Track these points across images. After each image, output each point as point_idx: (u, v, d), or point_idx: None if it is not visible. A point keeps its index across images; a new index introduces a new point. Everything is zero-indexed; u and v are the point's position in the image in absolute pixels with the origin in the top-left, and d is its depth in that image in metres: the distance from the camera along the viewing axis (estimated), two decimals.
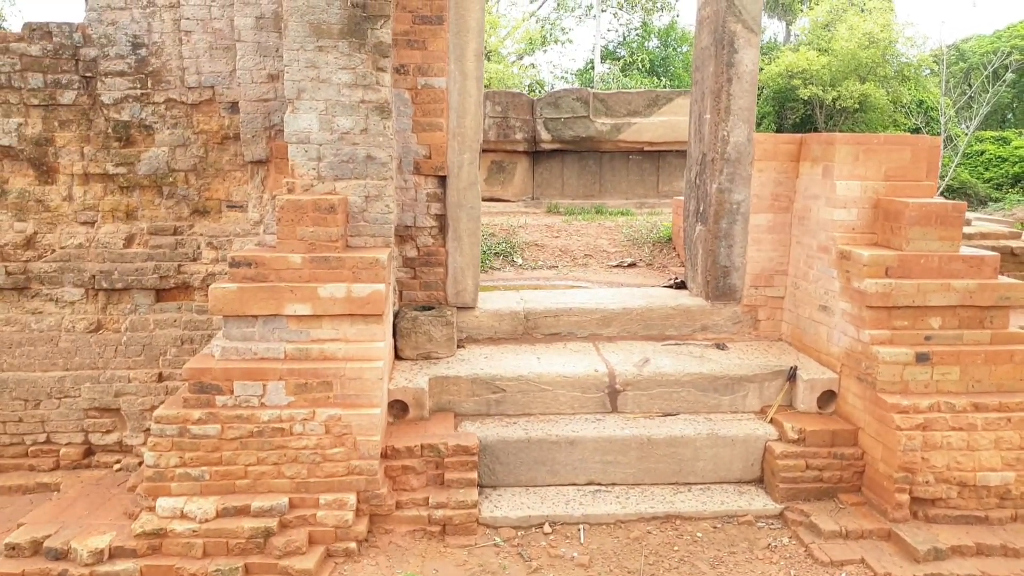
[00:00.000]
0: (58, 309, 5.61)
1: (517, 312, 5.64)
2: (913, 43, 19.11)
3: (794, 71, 18.14)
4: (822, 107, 18.37)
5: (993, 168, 19.14)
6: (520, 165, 10.70)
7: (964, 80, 20.05)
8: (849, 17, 18.62)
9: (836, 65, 17.93)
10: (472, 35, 5.35)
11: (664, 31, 22.29)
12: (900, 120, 19.47)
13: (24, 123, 5.51)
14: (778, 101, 18.89)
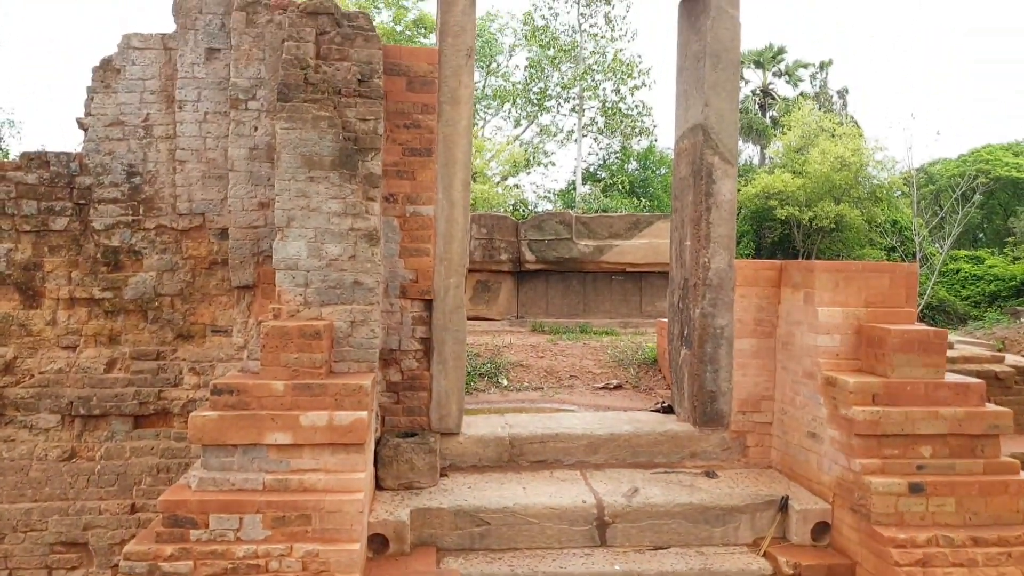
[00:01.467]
0: (32, 436, 5.46)
1: (502, 438, 5.54)
2: (883, 167, 20.01)
3: (770, 192, 18.85)
4: (799, 227, 18.96)
5: (970, 286, 19.62)
6: (505, 285, 10.86)
7: (934, 201, 20.89)
8: (820, 142, 19.57)
9: (811, 187, 18.66)
10: (459, 166, 5.54)
11: (643, 154, 23.25)
12: (876, 239, 20.10)
13: (14, 248, 5.56)
14: (756, 221, 19.50)
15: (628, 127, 22.60)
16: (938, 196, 21.30)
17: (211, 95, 5.61)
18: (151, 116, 5.66)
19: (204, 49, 5.59)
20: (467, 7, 5.48)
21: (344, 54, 5.08)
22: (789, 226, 19.17)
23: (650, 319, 10.60)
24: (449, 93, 5.49)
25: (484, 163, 20.96)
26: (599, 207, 19.02)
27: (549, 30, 22.35)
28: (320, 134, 4.94)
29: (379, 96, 5.06)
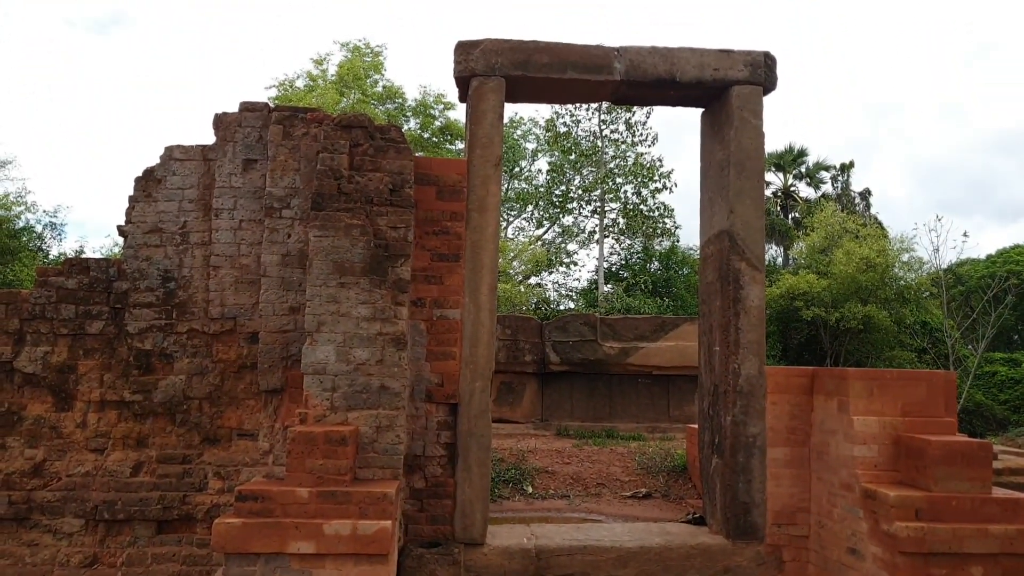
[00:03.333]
0: (55, 541, 5.39)
1: (528, 550, 5.37)
2: (910, 267, 19.93)
3: (795, 293, 18.78)
4: (826, 328, 18.77)
5: (1007, 390, 19.10)
6: (529, 386, 10.79)
7: (965, 302, 20.63)
8: (845, 243, 19.62)
9: (836, 288, 18.59)
10: (486, 271, 5.64)
11: (665, 254, 23.47)
12: (905, 340, 19.78)
13: (51, 351, 5.67)
14: (781, 322, 19.37)
15: (650, 228, 22.93)
16: (968, 297, 21.08)
17: (247, 203, 5.81)
18: (188, 223, 5.86)
19: (242, 160, 5.84)
20: (495, 120, 5.72)
21: (377, 165, 5.29)
22: (816, 327, 19.00)
23: (678, 424, 10.42)
24: (477, 201, 5.66)
25: (507, 262, 21.27)
26: (622, 306, 19.06)
27: (571, 136, 23.11)
28: (352, 241, 5.09)
29: (410, 205, 5.23)
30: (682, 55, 5.82)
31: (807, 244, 22.08)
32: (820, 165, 31.69)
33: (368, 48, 22.56)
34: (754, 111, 5.82)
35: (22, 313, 5.69)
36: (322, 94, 19.70)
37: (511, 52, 5.69)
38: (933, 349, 19.63)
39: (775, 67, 5.93)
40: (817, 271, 19.81)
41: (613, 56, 5.77)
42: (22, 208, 21.62)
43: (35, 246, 22.94)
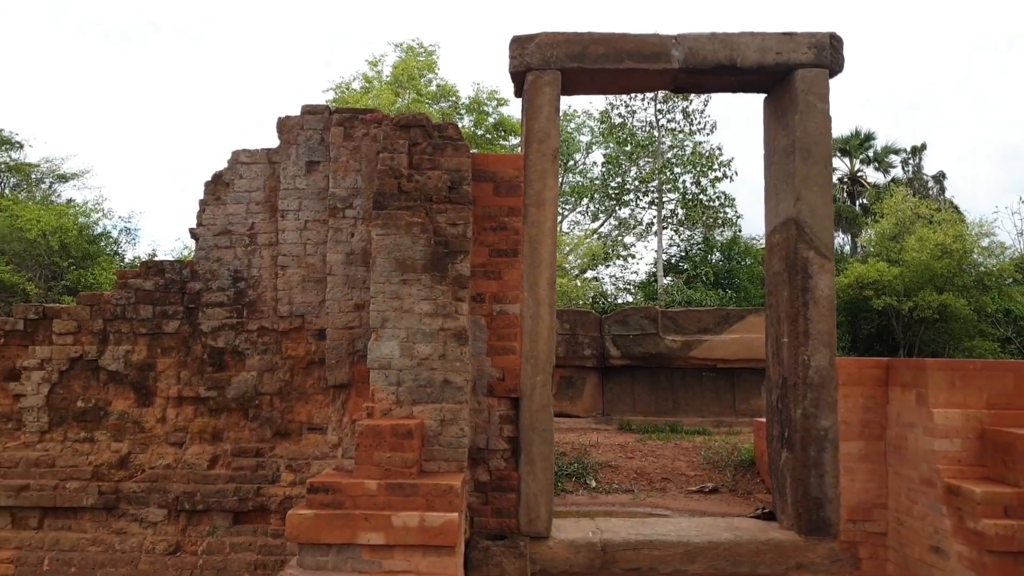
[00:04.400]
0: (141, 530, 5.65)
1: (593, 543, 5.36)
2: (991, 253, 19.05)
3: (865, 282, 18.18)
4: (898, 318, 18.12)
5: None
6: (589, 380, 10.74)
7: None
8: (917, 229, 18.88)
9: (909, 276, 17.91)
10: (545, 266, 5.64)
11: (727, 245, 23.02)
12: (986, 330, 18.92)
13: (131, 350, 5.93)
14: (850, 312, 18.77)
15: (710, 218, 22.52)
16: None
17: (311, 204, 5.95)
18: (256, 225, 6.04)
19: (305, 162, 5.98)
20: (551, 114, 5.71)
21: (435, 163, 5.35)
22: (887, 317, 18.35)
23: (744, 418, 10.22)
24: (534, 196, 5.66)
25: (562, 256, 21.21)
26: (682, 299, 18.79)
27: (626, 127, 22.88)
28: (413, 239, 5.16)
29: (468, 202, 5.27)
30: (742, 40, 5.69)
31: (876, 231, 21.34)
32: (889, 149, 30.59)
33: (421, 48, 22.78)
34: (820, 95, 5.65)
35: (105, 314, 5.97)
36: (377, 95, 20.00)
37: (566, 45, 5.67)
38: (1018, 338, 18.72)
39: (841, 48, 5.75)
40: (887, 259, 19.12)
41: (671, 44, 5.69)
42: (99, 215, 22.60)
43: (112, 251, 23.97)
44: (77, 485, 5.67)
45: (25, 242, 19.70)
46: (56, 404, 5.93)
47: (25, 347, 5.99)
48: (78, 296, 6.16)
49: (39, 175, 30.80)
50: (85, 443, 5.87)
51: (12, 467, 5.73)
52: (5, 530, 5.70)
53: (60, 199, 28.92)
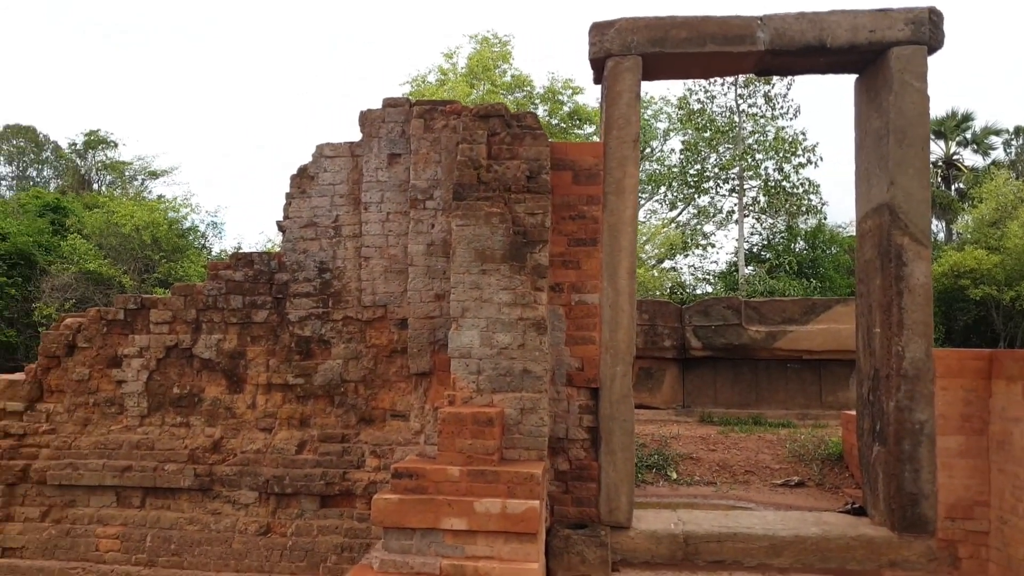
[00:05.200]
0: (234, 511, 5.91)
1: (675, 535, 5.29)
2: None
3: (961, 270, 17.24)
4: (998, 308, 17.11)
5: None
6: (669, 372, 10.58)
7: None
8: (1021, 214, 17.76)
9: (1011, 264, 16.88)
10: (625, 254, 5.58)
11: (811, 233, 22.21)
12: None
13: (223, 339, 6.19)
14: (944, 302, 17.84)
15: (794, 206, 21.77)
16: None
17: (392, 196, 6.06)
18: (340, 217, 6.20)
19: (386, 155, 6.09)
20: (631, 100, 5.63)
21: (514, 153, 5.36)
22: (985, 308, 17.36)
23: (831, 410, 9.88)
24: (614, 184, 5.60)
25: (639, 246, 20.93)
26: (764, 289, 18.26)
27: (705, 113, 22.34)
28: (492, 229, 5.19)
29: (546, 191, 5.26)
30: (832, 19, 5.46)
31: (974, 217, 20.17)
32: (989, 130, 28.82)
33: (496, 39, 22.82)
34: (917, 73, 5.37)
35: (198, 304, 6.25)
36: (453, 87, 20.17)
37: (647, 30, 5.58)
38: None
39: (941, 23, 5.44)
40: (987, 246, 18.06)
41: (756, 25, 5.52)
42: (188, 210, 23.62)
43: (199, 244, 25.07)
44: (174, 467, 5.97)
45: (120, 236, 20.81)
46: (154, 390, 6.26)
47: (125, 336, 6.33)
48: (173, 287, 6.47)
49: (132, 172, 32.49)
50: (181, 427, 6.17)
51: (116, 449, 6.08)
52: (111, 508, 6.06)
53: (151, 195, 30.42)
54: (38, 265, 20.57)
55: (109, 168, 32.53)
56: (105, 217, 21.26)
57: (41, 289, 19.81)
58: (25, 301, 20.15)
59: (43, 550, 5.98)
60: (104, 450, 6.09)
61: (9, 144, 34.94)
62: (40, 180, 35.62)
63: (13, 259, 20.37)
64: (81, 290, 19.63)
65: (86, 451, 6.11)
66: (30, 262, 20.56)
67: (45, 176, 36.13)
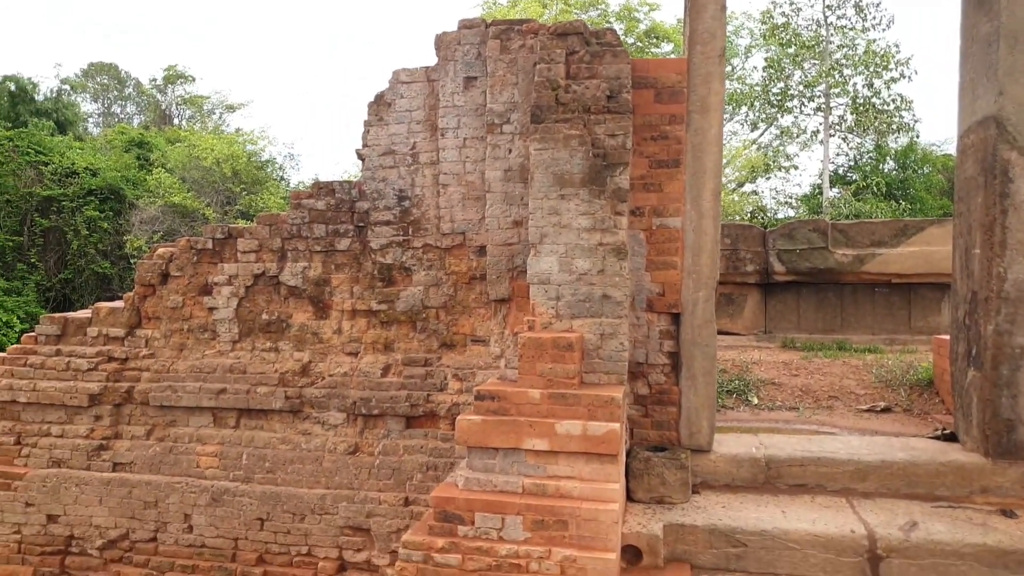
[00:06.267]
0: (323, 431, 6.20)
1: (757, 458, 5.28)
2: None
3: None
4: None
5: None
6: (751, 298, 10.36)
7: None
8: None
9: None
10: (709, 176, 5.41)
11: (901, 153, 21.04)
12: None
13: (308, 267, 6.37)
14: None
15: (884, 124, 20.59)
16: None
17: (469, 121, 6.01)
18: (417, 144, 6.20)
19: (463, 78, 6.01)
20: (717, 12, 5.35)
21: (593, 72, 5.19)
22: None
23: (921, 335, 9.53)
24: (698, 101, 5.39)
25: None
26: (850, 212, 17.53)
27: (790, 27, 21.11)
28: (571, 152, 5.10)
29: (627, 111, 5.11)
30: None
31: None
32: None
33: None
34: None
35: (283, 233, 6.42)
36: (525, 8, 19.62)
37: None
38: None
39: None
40: None
41: None
42: (265, 142, 24.10)
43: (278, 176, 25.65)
44: (266, 390, 6.28)
45: (202, 170, 21.47)
46: (244, 316, 6.53)
47: (215, 264, 6.59)
48: (257, 217, 6.66)
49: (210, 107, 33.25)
50: (271, 352, 6.45)
51: (211, 372, 6.42)
52: (208, 428, 6.45)
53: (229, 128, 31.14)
54: (127, 199, 21.50)
55: (188, 103, 33.38)
56: (187, 151, 21.94)
57: (130, 222, 20.79)
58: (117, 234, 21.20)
59: (149, 465, 6.44)
60: (200, 373, 6.44)
61: (94, 82, 36.18)
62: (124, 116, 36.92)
63: (104, 194, 21.35)
64: (168, 223, 20.49)
65: (183, 374, 6.47)
66: (119, 196, 21.52)
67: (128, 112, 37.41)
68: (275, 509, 6.07)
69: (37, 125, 23.24)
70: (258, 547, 6.11)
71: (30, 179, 21.10)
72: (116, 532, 6.38)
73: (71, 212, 20.98)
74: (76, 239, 20.83)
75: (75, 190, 21.05)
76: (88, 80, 35.81)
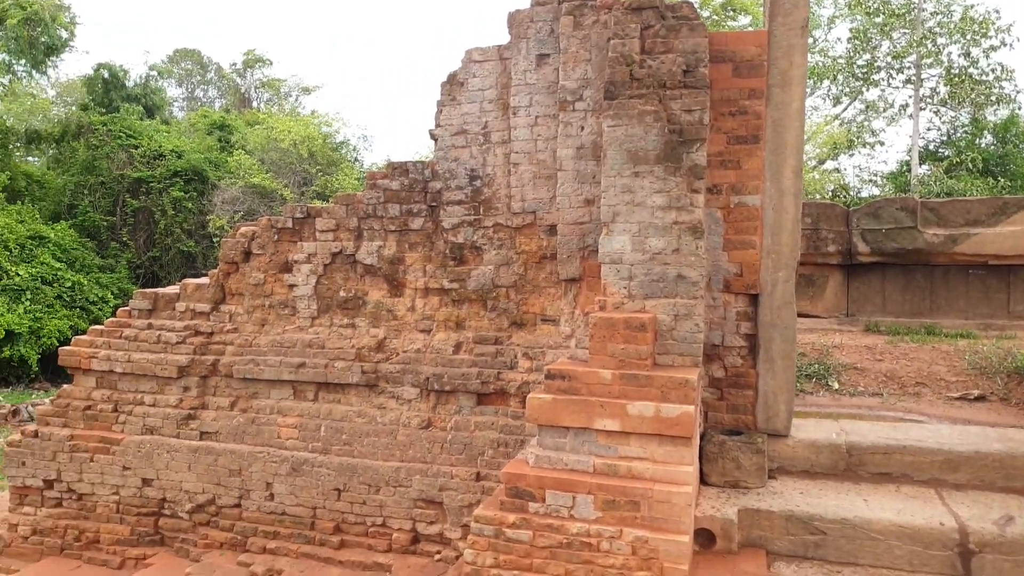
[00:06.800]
0: (398, 406, 6.33)
1: (838, 445, 5.10)
2: None
3: None
4: None
5: None
6: (832, 279, 9.97)
7: None
8: None
9: None
10: (790, 152, 5.22)
11: (1001, 126, 19.76)
12: None
13: (383, 245, 6.48)
14: None
15: (981, 96, 19.37)
16: None
17: (541, 99, 5.95)
18: (489, 123, 6.19)
19: (535, 56, 5.95)
20: None
21: (669, 46, 5.06)
22: None
23: (1021, 320, 8.99)
24: (779, 75, 5.19)
25: None
26: (941, 190, 16.62)
27: None
28: (645, 129, 4.99)
29: (704, 85, 4.96)
30: None
31: None
32: None
33: None
34: None
35: (359, 212, 6.54)
36: None
37: None
38: None
39: None
40: None
41: None
42: (339, 124, 24.61)
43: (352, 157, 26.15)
44: (343, 365, 6.43)
45: (280, 151, 22.07)
46: (322, 293, 6.70)
47: (294, 243, 6.77)
48: (335, 196, 6.79)
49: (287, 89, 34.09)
50: (348, 328, 6.60)
51: (291, 347, 6.62)
52: (288, 400, 6.66)
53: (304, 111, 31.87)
54: (209, 180, 22.34)
55: (266, 86, 34.32)
56: (265, 133, 22.58)
57: (213, 203, 21.60)
58: (200, 214, 22.08)
59: (233, 435, 6.70)
60: (280, 348, 6.65)
61: (179, 67, 37.58)
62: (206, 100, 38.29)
63: (188, 175, 22.24)
64: (248, 203, 21.20)
65: (265, 348, 6.69)
66: (202, 178, 22.38)
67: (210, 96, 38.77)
68: (351, 480, 6.24)
69: (128, 110, 24.36)
70: (335, 516, 6.31)
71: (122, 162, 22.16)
72: (204, 497, 6.70)
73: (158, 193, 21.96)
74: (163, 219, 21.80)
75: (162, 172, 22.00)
76: (173, 66, 37.25)
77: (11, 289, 18.26)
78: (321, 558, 6.15)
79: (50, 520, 7.05)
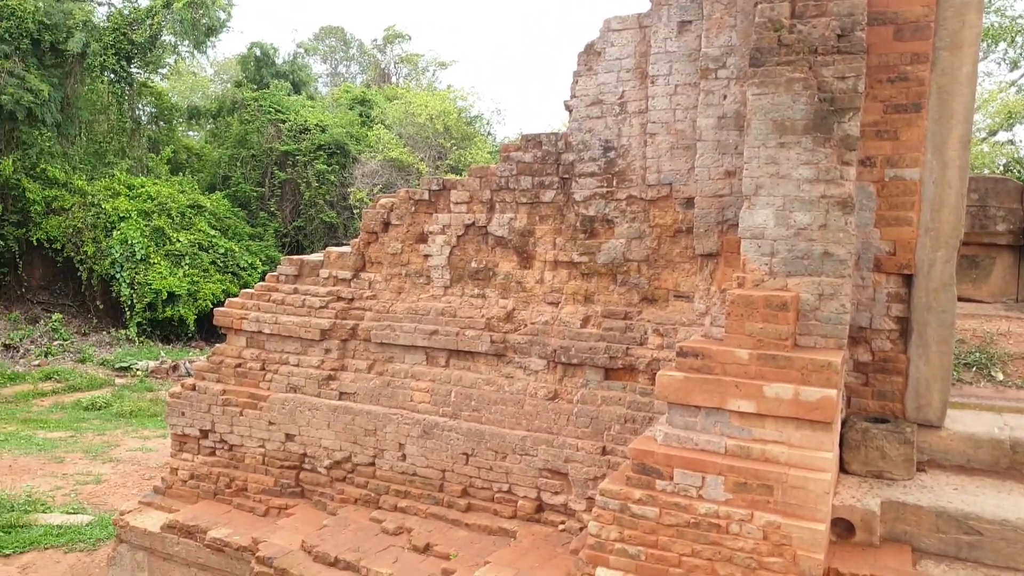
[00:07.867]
0: (525, 376, 6.41)
1: (1000, 440, 4.70)
2: None
3: None
4: None
5: None
6: (1000, 261, 9.11)
7: None
8: None
9: None
10: (957, 121, 4.79)
11: None
12: None
13: (514, 218, 6.53)
14: None
15: None
16: None
17: (681, 67, 5.76)
18: (625, 93, 6.06)
19: (676, 23, 5.75)
20: None
21: (822, 9, 4.74)
22: None
23: None
24: (948, 37, 4.75)
25: None
26: None
27: None
28: (793, 97, 4.72)
29: (860, 50, 4.62)
30: None
31: None
32: None
33: None
34: None
35: (491, 185, 6.62)
36: None
37: None
38: None
39: None
40: None
41: None
42: (474, 98, 24.99)
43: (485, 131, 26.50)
44: (473, 333, 6.57)
45: (416, 126, 22.68)
46: (455, 264, 6.86)
47: (430, 214, 6.96)
48: (469, 169, 6.91)
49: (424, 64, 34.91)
50: (478, 298, 6.74)
51: (425, 315, 6.84)
52: (421, 365, 6.90)
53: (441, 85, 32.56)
54: (350, 154, 23.36)
55: (405, 61, 35.32)
56: (403, 108, 23.28)
57: (353, 175, 22.59)
58: (341, 186, 23.16)
59: (370, 396, 7.03)
60: (415, 315, 6.88)
61: (324, 44, 39.36)
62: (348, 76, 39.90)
63: (331, 149, 23.35)
64: (386, 176, 22.02)
65: (400, 315, 6.95)
66: (344, 151, 23.43)
67: (352, 72, 40.37)
68: (479, 446, 6.41)
69: (277, 86, 25.83)
70: (463, 480, 6.51)
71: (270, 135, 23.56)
72: (341, 454, 7.10)
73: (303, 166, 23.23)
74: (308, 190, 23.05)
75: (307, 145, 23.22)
76: (319, 43, 39.05)
77: (173, 254, 20.00)
78: (449, 519, 6.38)
79: (205, 467, 7.71)
